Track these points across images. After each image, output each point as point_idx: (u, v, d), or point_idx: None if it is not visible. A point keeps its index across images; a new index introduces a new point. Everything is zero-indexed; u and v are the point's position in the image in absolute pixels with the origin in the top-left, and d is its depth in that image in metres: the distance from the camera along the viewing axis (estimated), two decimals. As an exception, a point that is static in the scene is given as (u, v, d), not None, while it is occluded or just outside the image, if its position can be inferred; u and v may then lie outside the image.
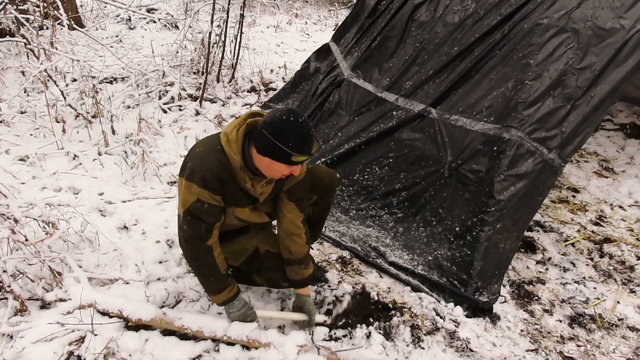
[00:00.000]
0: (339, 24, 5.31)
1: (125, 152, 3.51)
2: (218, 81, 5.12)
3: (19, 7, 4.37)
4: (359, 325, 2.21)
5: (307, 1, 11.43)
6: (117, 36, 6.16)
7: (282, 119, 1.65)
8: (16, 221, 2.12)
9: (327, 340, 2.12)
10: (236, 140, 1.76)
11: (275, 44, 7.28)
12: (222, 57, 5.07)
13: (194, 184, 1.75)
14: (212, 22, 4.48)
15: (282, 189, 1.99)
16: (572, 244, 3.03)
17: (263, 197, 1.94)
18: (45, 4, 4.39)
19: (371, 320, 2.25)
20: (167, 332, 2.09)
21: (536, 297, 2.55)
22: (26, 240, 2.13)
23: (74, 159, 3.45)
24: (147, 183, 3.29)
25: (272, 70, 5.89)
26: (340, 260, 2.70)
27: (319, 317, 2.18)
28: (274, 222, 2.23)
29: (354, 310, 2.21)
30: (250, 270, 2.14)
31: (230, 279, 1.99)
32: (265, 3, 9.50)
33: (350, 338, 2.16)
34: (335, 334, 2.17)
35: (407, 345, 2.16)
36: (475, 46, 2.82)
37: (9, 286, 2.02)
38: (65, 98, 3.91)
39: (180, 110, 4.45)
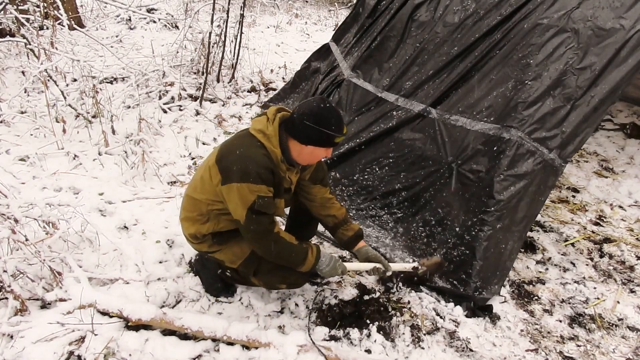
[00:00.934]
0: (339, 24, 5.31)
1: (125, 152, 3.51)
2: (218, 81, 5.13)
3: (19, 7, 4.37)
4: (358, 325, 2.21)
5: (307, 1, 11.43)
6: (117, 36, 6.16)
7: (320, 106, 1.86)
8: (16, 221, 2.13)
9: (327, 340, 2.12)
10: (275, 134, 1.89)
11: (275, 44, 7.29)
12: (222, 57, 5.07)
13: (250, 184, 1.80)
14: (212, 22, 4.49)
15: (302, 178, 2.16)
16: (572, 244, 3.04)
17: (294, 186, 2.11)
18: (45, 4, 4.39)
19: (369, 321, 2.25)
20: (167, 332, 2.09)
21: (536, 297, 2.56)
22: (26, 240, 2.13)
23: (74, 159, 3.45)
24: (147, 183, 3.30)
25: (272, 70, 5.89)
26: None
27: (397, 266, 2.27)
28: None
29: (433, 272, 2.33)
30: (247, 272, 2.15)
31: (305, 243, 2.05)
32: (265, 3, 9.50)
33: (350, 338, 2.16)
34: (335, 334, 2.17)
35: (407, 345, 2.16)
36: (475, 46, 2.82)
37: (9, 286, 2.02)
38: (65, 98, 3.91)
39: (180, 110, 4.45)
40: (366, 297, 2.40)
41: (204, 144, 3.92)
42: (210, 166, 1.93)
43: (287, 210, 2.54)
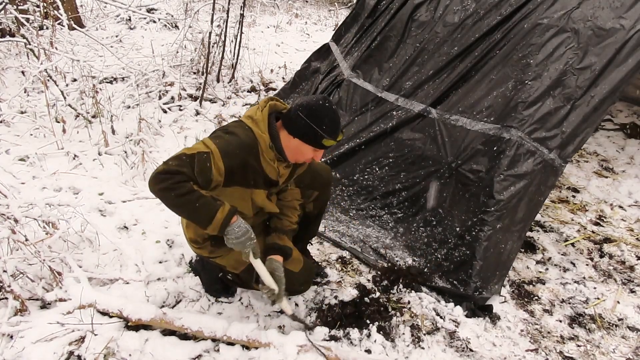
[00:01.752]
0: (339, 24, 5.30)
1: (125, 152, 3.51)
2: (218, 81, 5.13)
3: (19, 7, 4.38)
4: (358, 325, 2.21)
5: (307, 1, 11.42)
6: (117, 36, 6.16)
7: (318, 103, 1.78)
8: (16, 221, 2.13)
9: (327, 340, 2.12)
10: (262, 119, 1.83)
11: (275, 44, 7.28)
12: (222, 57, 5.07)
13: (214, 143, 1.71)
14: (212, 22, 4.49)
15: (293, 178, 2.06)
16: (572, 244, 3.03)
17: (282, 180, 1.98)
18: (45, 4, 4.39)
19: (369, 321, 2.25)
20: (167, 332, 2.09)
21: (536, 297, 2.55)
22: (26, 240, 2.13)
23: (74, 159, 3.45)
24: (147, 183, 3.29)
25: (272, 70, 5.89)
26: (340, 260, 2.70)
27: (285, 303, 2.03)
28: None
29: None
30: (249, 278, 2.14)
31: (220, 200, 1.73)
32: (265, 3, 9.50)
33: (350, 338, 2.16)
34: (335, 334, 2.17)
35: (407, 345, 2.16)
36: (475, 46, 2.82)
37: (9, 286, 2.02)
38: (65, 98, 3.91)
39: (180, 110, 4.45)
40: (366, 297, 2.40)
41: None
42: None
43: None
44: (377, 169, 3.02)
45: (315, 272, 2.49)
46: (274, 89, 5.21)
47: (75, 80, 4.59)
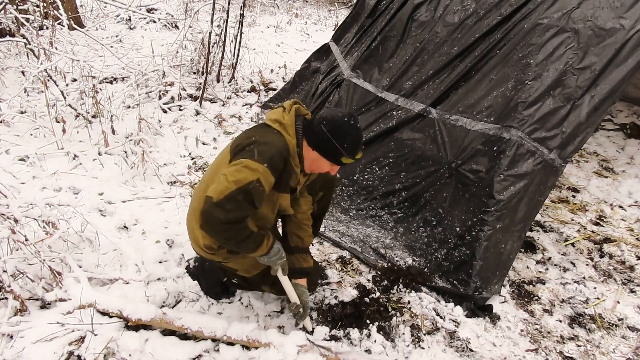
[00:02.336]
0: (339, 24, 5.30)
1: (125, 152, 3.51)
2: (218, 81, 5.13)
3: (19, 7, 4.38)
4: (358, 325, 2.21)
5: (307, 1, 11.42)
6: (117, 36, 6.16)
7: (343, 120, 1.73)
8: (16, 221, 2.12)
9: (327, 340, 2.12)
10: (291, 124, 1.80)
11: (275, 44, 7.28)
12: (222, 57, 5.07)
13: (257, 163, 1.65)
14: (212, 22, 4.48)
15: (306, 184, 2.06)
16: (572, 244, 3.03)
17: (300, 187, 1.99)
18: (45, 4, 4.38)
19: (369, 321, 2.25)
20: (167, 332, 2.09)
21: (536, 297, 2.55)
22: (26, 240, 2.13)
23: (74, 159, 3.45)
24: (147, 183, 3.29)
25: (272, 70, 5.89)
26: (340, 260, 2.70)
27: (307, 322, 2.13)
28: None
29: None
30: (260, 281, 2.13)
31: (263, 229, 1.88)
32: (265, 3, 9.50)
33: (350, 338, 2.16)
34: (335, 334, 2.17)
35: (407, 345, 2.16)
36: (475, 46, 2.82)
37: (9, 286, 2.02)
38: (65, 98, 3.91)
39: (180, 110, 4.45)
40: (366, 298, 2.40)
41: (203, 144, 3.92)
42: (227, 158, 1.79)
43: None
44: (377, 169, 3.02)
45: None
46: (274, 89, 5.21)
47: (75, 80, 4.59)
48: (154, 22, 7.00)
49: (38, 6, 4.29)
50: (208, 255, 2.01)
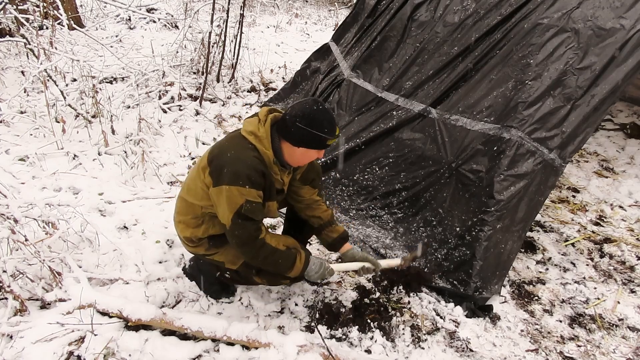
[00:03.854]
0: (339, 23, 5.30)
1: (125, 152, 3.50)
2: (218, 81, 5.12)
3: (19, 7, 4.37)
4: (358, 325, 2.21)
5: (307, 1, 11.42)
6: (117, 36, 6.16)
7: (313, 109, 1.82)
8: (16, 221, 2.12)
9: (328, 339, 2.12)
10: (266, 136, 1.86)
11: (275, 44, 7.28)
12: (222, 57, 5.07)
13: (240, 187, 1.78)
14: (212, 22, 4.48)
15: (293, 178, 2.13)
16: (572, 244, 3.03)
17: (286, 187, 2.08)
18: (45, 4, 4.38)
19: (369, 321, 2.25)
20: (167, 332, 2.09)
21: (536, 297, 2.55)
22: (26, 240, 2.13)
23: (73, 159, 3.44)
24: (147, 183, 3.29)
25: (272, 70, 5.89)
26: (340, 260, 2.70)
27: (384, 262, 2.23)
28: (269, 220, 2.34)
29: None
30: (248, 272, 2.14)
31: (294, 248, 2.03)
32: (265, 3, 9.50)
33: (350, 338, 2.16)
34: (335, 334, 2.17)
35: (407, 345, 2.16)
36: (475, 46, 2.81)
37: (9, 286, 2.02)
38: (65, 98, 3.91)
39: (180, 110, 4.45)
40: (366, 298, 2.40)
41: (203, 144, 3.92)
42: (202, 168, 1.91)
43: (283, 210, 2.53)
44: (377, 169, 3.02)
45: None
46: (274, 89, 5.21)
47: (75, 80, 4.58)
48: (154, 22, 7.00)
49: (38, 6, 4.28)
50: (190, 249, 2.12)
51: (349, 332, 2.18)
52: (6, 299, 2.05)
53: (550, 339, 2.30)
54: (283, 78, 5.70)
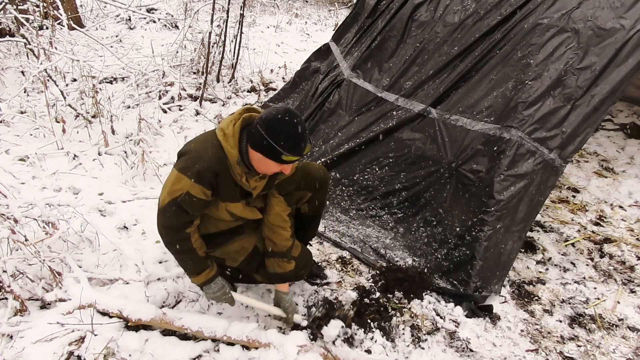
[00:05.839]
0: (339, 23, 5.30)
1: (125, 152, 3.50)
2: (218, 81, 5.12)
3: (19, 7, 4.37)
4: (358, 325, 2.21)
5: (307, 1, 11.42)
6: (117, 36, 6.16)
7: (277, 117, 1.68)
8: (16, 221, 2.12)
9: (328, 340, 2.12)
10: (233, 134, 1.78)
11: (275, 44, 7.28)
12: (222, 57, 5.07)
13: (186, 177, 1.74)
14: (212, 22, 4.48)
15: (274, 184, 2.01)
16: (572, 244, 3.03)
17: (256, 192, 1.95)
18: (45, 4, 4.38)
19: (369, 321, 2.25)
20: (167, 332, 2.09)
21: (536, 297, 2.55)
22: (26, 240, 2.13)
23: (73, 159, 3.44)
24: (147, 183, 3.29)
25: (272, 70, 5.89)
26: (340, 260, 2.70)
27: (297, 318, 2.15)
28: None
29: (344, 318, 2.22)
30: (249, 269, 2.14)
31: (210, 260, 1.99)
32: (265, 3, 9.50)
33: (349, 338, 2.16)
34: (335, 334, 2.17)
35: (407, 346, 2.16)
36: (475, 46, 2.81)
37: (9, 286, 2.02)
38: (65, 98, 3.91)
39: (180, 110, 4.45)
40: (366, 298, 2.40)
41: (203, 144, 3.92)
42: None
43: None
44: (377, 169, 3.02)
45: (315, 272, 2.49)
46: (274, 89, 5.21)
47: (75, 80, 4.58)
48: (154, 22, 7.00)
49: (38, 6, 4.28)
50: None
51: (349, 332, 2.18)
52: (6, 299, 2.05)
53: (550, 339, 2.30)
54: (283, 78, 5.70)
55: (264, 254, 2.13)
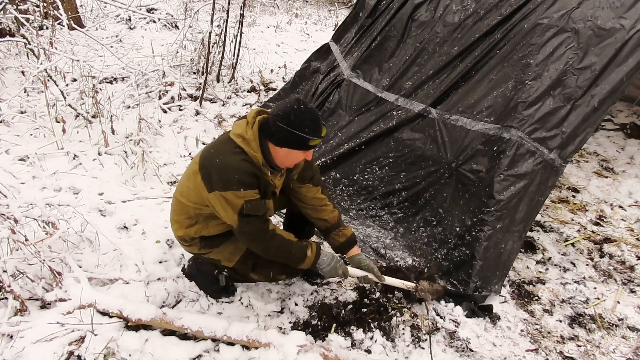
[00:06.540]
0: (339, 23, 5.30)
1: (125, 152, 3.51)
2: (218, 81, 5.13)
3: (19, 7, 4.37)
4: (358, 325, 2.21)
5: (307, 1, 11.42)
6: (117, 36, 6.16)
7: (293, 108, 1.77)
8: (16, 221, 2.12)
9: (327, 340, 2.12)
10: (254, 138, 1.84)
11: (275, 44, 7.28)
12: (222, 57, 5.07)
13: (234, 191, 1.78)
14: (212, 22, 4.48)
15: (290, 179, 2.11)
16: (572, 244, 3.03)
17: (279, 190, 2.07)
18: (45, 4, 4.38)
19: (369, 321, 2.25)
20: (167, 332, 2.09)
21: (536, 297, 2.55)
22: (26, 240, 2.13)
23: (74, 159, 3.44)
24: (147, 183, 3.29)
25: (272, 70, 5.89)
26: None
27: (393, 281, 2.20)
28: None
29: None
30: (245, 268, 2.15)
31: (305, 240, 2.04)
32: (265, 3, 9.51)
33: (349, 339, 2.16)
34: (335, 334, 2.17)
35: (407, 345, 2.16)
36: (475, 46, 2.81)
37: (9, 286, 2.02)
38: (65, 98, 3.91)
39: (180, 110, 4.45)
40: (366, 298, 2.40)
41: (203, 144, 3.92)
42: (194, 172, 1.90)
43: (283, 211, 2.53)
44: (377, 169, 3.02)
45: (316, 272, 2.49)
46: (274, 89, 5.21)
47: (75, 80, 4.58)
48: (154, 22, 7.00)
49: (38, 6, 4.29)
50: (186, 248, 2.14)
51: (349, 332, 2.18)
52: (6, 299, 2.05)
53: (550, 339, 2.30)
54: (283, 78, 5.70)
55: (322, 234, 2.23)
